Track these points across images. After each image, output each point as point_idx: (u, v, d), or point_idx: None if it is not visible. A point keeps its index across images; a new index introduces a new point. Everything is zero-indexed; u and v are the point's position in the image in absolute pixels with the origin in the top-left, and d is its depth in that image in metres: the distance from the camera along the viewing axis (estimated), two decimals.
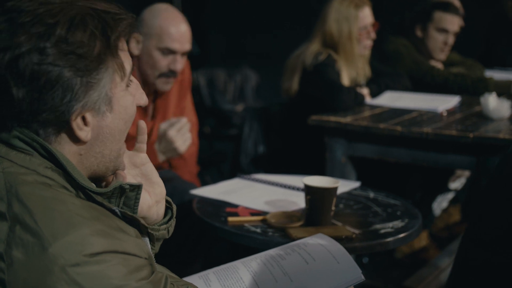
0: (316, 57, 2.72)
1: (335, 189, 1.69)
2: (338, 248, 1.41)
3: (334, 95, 2.60)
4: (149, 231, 1.13)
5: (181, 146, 2.19)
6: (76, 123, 0.99)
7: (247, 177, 2.17)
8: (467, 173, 3.28)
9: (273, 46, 5.69)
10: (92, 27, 0.96)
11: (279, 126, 3.00)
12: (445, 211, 3.37)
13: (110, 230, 0.93)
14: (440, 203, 3.27)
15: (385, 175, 2.92)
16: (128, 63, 1.05)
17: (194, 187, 2.16)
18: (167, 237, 1.23)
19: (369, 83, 2.90)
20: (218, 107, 4.53)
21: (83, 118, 0.99)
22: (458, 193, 3.33)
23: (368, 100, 2.79)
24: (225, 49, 5.90)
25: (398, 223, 1.75)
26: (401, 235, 1.68)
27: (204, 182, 2.73)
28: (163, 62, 2.24)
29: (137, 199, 1.11)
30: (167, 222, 1.21)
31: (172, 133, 2.16)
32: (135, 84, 1.09)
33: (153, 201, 1.17)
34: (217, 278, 1.38)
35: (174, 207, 1.24)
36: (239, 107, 4.62)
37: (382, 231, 1.70)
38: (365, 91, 2.80)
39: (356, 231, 1.68)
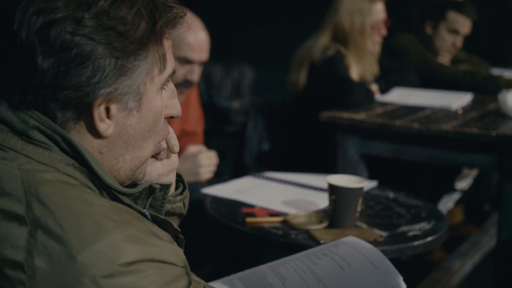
0: (325, 52, 2.63)
1: (362, 189, 1.60)
2: (374, 252, 1.31)
3: (345, 91, 2.50)
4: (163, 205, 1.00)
5: (205, 174, 2.14)
6: (98, 112, 0.86)
7: (259, 175, 2.07)
8: (474, 173, 3.21)
9: (269, 42, 5.60)
10: (140, 6, 0.85)
11: (285, 122, 2.90)
12: (449, 212, 3.30)
13: (145, 235, 0.82)
14: (446, 204, 3.20)
15: (393, 174, 2.83)
16: (170, 58, 0.93)
17: (200, 186, 2.06)
18: (184, 212, 1.10)
19: (378, 80, 2.82)
20: (215, 103, 4.41)
21: (107, 110, 0.87)
22: (465, 193, 3.26)
23: (378, 96, 2.71)
24: (221, 45, 5.79)
25: (425, 225, 1.66)
26: (430, 238, 1.59)
27: None
28: (180, 72, 2.10)
29: (164, 199, 1.00)
30: (181, 194, 1.09)
31: (203, 158, 2.11)
32: (172, 90, 0.97)
33: (165, 170, 1.04)
34: (244, 284, 1.28)
35: (184, 179, 1.12)
36: (236, 104, 4.52)
37: (410, 233, 1.61)
38: (374, 87, 2.72)
39: (384, 234, 1.59)
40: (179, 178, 1.12)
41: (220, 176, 2.53)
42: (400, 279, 1.24)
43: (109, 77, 0.84)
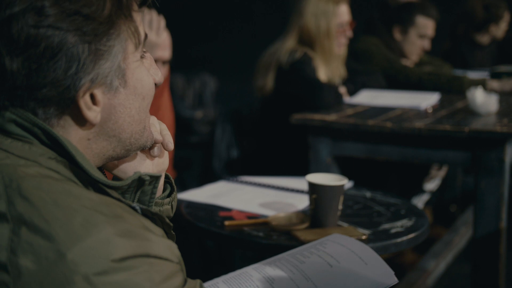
0: (292, 55, 2.60)
1: (343, 186, 1.56)
2: (362, 247, 1.27)
3: (314, 93, 2.48)
4: (151, 208, 0.95)
5: None
6: (84, 101, 0.80)
7: (233, 179, 2.01)
8: (441, 174, 3.23)
9: (229, 52, 5.58)
10: None
11: (253, 127, 2.86)
12: None
13: (138, 229, 0.76)
14: (416, 205, 3.20)
15: (363, 176, 2.82)
16: (142, 29, 0.87)
17: None
18: (171, 215, 1.05)
19: (345, 82, 2.81)
20: (178, 113, 4.34)
21: (92, 96, 0.81)
22: (433, 194, 3.27)
23: (346, 99, 2.69)
24: (182, 55, 5.73)
25: (406, 222, 1.64)
26: (413, 235, 1.56)
27: None
28: None
29: (153, 193, 0.94)
30: (169, 196, 1.03)
31: None
32: (149, 57, 0.92)
33: (154, 170, 1.00)
34: (229, 287, 1.22)
35: (173, 181, 1.07)
36: (199, 114, 4.46)
37: (393, 230, 1.58)
38: (342, 89, 2.70)
39: (366, 232, 1.55)
40: (167, 180, 1.06)
41: (185, 187, 2.46)
42: (392, 273, 1.20)
43: (87, 65, 0.79)
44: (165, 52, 2.11)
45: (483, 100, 2.30)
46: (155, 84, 0.92)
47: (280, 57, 2.63)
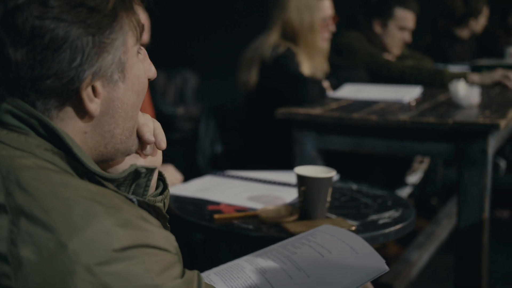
0: (275, 50, 2.60)
1: (331, 178, 1.57)
2: (353, 237, 1.29)
3: (298, 87, 2.48)
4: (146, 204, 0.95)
5: None
6: (87, 93, 0.81)
7: (219, 173, 2.01)
8: (424, 167, 3.26)
9: (210, 49, 5.56)
10: None
11: (237, 123, 2.86)
12: None
13: (137, 220, 0.76)
14: None
15: (346, 170, 2.83)
16: (142, 21, 0.88)
17: None
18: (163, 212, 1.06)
19: (328, 77, 2.82)
20: (159, 110, 4.32)
21: (93, 88, 0.82)
22: (415, 187, 3.31)
23: (330, 93, 2.71)
24: (163, 52, 5.71)
25: (393, 213, 1.65)
26: (401, 225, 1.58)
27: None
28: None
29: (147, 186, 0.95)
30: (161, 193, 1.03)
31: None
32: (144, 53, 0.92)
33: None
34: (222, 279, 1.22)
35: (166, 178, 1.07)
36: (181, 110, 4.45)
37: (381, 221, 1.59)
38: (326, 84, 2.71)
39: (355, 223, 1.57)
40: (160, 177, 1.06)
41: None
42: (383, 262, 1.21)
43: (91, 57, 0.79)
44: (144, 35, 2.09)
45: (466, 92, 2.33)
46: (149, 79, 0.92)
47: (264, 52, 2.63)
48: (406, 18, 3.17)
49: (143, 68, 0.89)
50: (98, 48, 0.80)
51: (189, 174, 2.81)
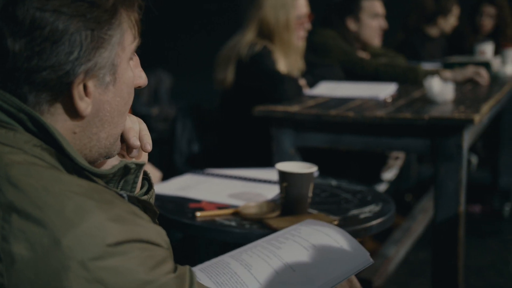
0: (252, 48, 2.61)
1: (312, 174, 1.58)
2: (337, 230, 1.30)
3: (276, 85, 2.49)
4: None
5: None
6: (78, 91, 0.80)
7: (199, 172, 2.01)
8: (399, 163, 3.30)
9: (185, 49, 5.54)
10: None
11: (214, 122, 2.85)
12: None
13: (129, 215, 0.76)
14: None
15: (322, 167, 2.85)
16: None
17: None
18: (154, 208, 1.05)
19: (304, 75, 2.84)
20: (133, 110, 4.29)
21: (84, 87, 0.81)
22: (391, 184, 3.34)
23: (306, 91, 2.72)
24: (136, 52, 5.66)
25: (374, 208, 1.67)
26: (382, 219, 1.60)
27: None
28: None
29: (135, 182, 0.94)
30: (147, 193, 1.03)
31: None
32: (136, 59, 0.92)
33: None
34: (207, 275, 1.22)
35: (151, 178, 1.07)
36: (155, 111, 4.43)
37: (362, 216, 1.61)
38: (302, 82, 2.73)
39: (336, 218, 1.58)
40: (145, 176, 1.06)
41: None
42: (367, 254, 1.23)
43: (88, 52, 0.79)
44: None
45: (440, 88, 2.36)
46: (139, 87, 0.93)
47: (240, 50, 2.63)
48: (374, 5, 3.22)
49: (132, 76, 0.89)
50: (96, 43, 0.80)
51: (166, 174, 2.80)
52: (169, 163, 2.83)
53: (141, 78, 0.92)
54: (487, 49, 3.62)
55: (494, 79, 3.11)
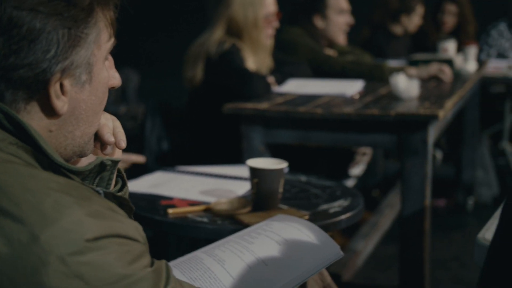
0: (221, 46, 2.62)
1: (283, 169, 1.61)
2: (308, 225, 1.33)
3: (245, 82, 2.51)
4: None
5: None
6: (54, 89, 0.81)
7: (170, 169, 2.02)
8: (366, 159, 3.35)
9: (152, 47, 5.52)
10: None
11: (183, 119, 2.86)
12: None
13: (107, 211, 0.77)
14: None
15: (291, 162, 2.88)
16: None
17: None
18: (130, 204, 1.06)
19: (273, 72, 2.86)
20: None
21: (61, 86, 0.82)
22: (358, 180, 3.40)
23: (275, 88, 2.75)
24: None
25: (343, 202, 1.71)
26: (350, 213, 1.63)
27: None
28: None
29: (110, 179, 0.95)
30: (121, 190, 1.03)
31: None
32: (111, 60, 0.93)
33: None
34: (180, 271, 1.24)
35: (125, 175, 1.08)
36: (123, 109, 4.41)
37: (331, 210, 1.64)
38: (271, 79, 2.75)
39: (307, 213, 1.61)
40: (118, 174, 1.07)
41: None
42: (338, 248, 1.26)
43: (65, 50, 0.80)
44: None
45: (406, 85, 2.42)
46: (113, 87, 0.94)
47: (209, 48, 2.64)
48: (339, 2, 3.25)
49: (107, 75, 0.90)
50: (72, 41, 0.81)
51: (136, 172, 2.80)
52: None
53: (115, 78, 0.94)
54: (450, 46, 3.70)
55: (457, 76, 3.19)
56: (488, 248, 0.95)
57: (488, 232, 1.30)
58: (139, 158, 2.07)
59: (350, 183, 3.33)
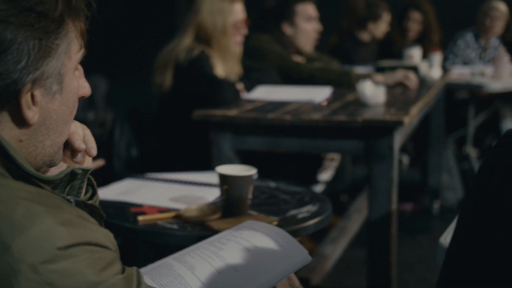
0: (190, 53, 2.63)
1: (252, 176, 1.62)
2: (276, 230, 1.35)
3: (214, 89, 2.53)
4: None
5: None
6: (26, 99, 0.82)
7: (139, 176, 2.02)
8: (334, 164, 3.39)
9: (119, 54, 5.50)
10: None
11: (152, 126, 2.86)
12: None
13: (77, 219, 0.78)
14: None
15: (260, 168, 2.90)
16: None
17: None
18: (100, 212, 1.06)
19: (242, 79, 2.88)
20: None
21: (32, 96, 0.83)
22: (327, 185, 3.44)
23: (244, 95, 2.77)
24: None
25: (311, 208, 1.73)
26: (319, 218, 1.66)
27: None
28: None
29: (80, 188, 0.96)
30: (91, 198, 1.04)
31: None
32: (81, 70, 0.94)
33: None
34: (151, 278, 1.24)
35: (95, 184, 1.08)
36: (91, 116, 4.37)
37: (300, 216, 1.67)
38: (240, 86, 2.77)
39: (276, 218, 1.63)
40: (89, 182, 1.07)
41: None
42: (306, 252, 1.28)
43: (36, 61, 0.81)
44: None
45: (372, 92, 2.46)
46: (83, 97, 0.95)
47: (178, 54, 2.65)
48: (307, 9, 3.29)
49: (77, 85, 0.91)
50: (43, 52, 0.81)
51: (105, 179, 2.79)
52: (108, 168, 2.82)
53: (85, 88, 0.95)
54: (415, 53, 3.78)
55: (422, 82, 3.26)
56: (446, 251, 0.98)
57: (449, 236, 1.34)
58: (98, 163, 2.07)
59: (318, 188, 3.37)
